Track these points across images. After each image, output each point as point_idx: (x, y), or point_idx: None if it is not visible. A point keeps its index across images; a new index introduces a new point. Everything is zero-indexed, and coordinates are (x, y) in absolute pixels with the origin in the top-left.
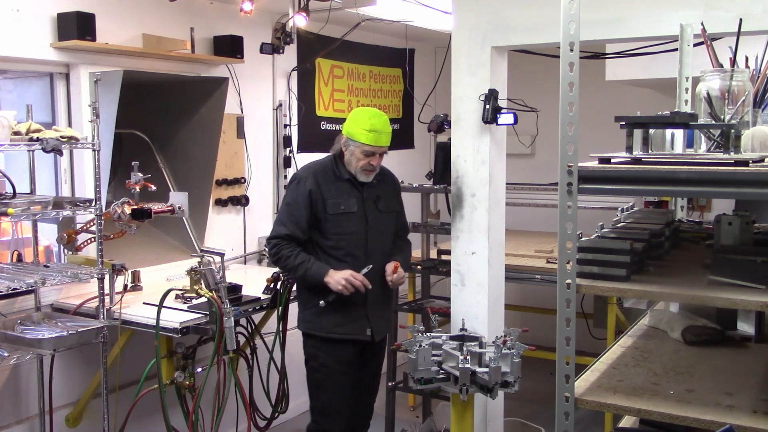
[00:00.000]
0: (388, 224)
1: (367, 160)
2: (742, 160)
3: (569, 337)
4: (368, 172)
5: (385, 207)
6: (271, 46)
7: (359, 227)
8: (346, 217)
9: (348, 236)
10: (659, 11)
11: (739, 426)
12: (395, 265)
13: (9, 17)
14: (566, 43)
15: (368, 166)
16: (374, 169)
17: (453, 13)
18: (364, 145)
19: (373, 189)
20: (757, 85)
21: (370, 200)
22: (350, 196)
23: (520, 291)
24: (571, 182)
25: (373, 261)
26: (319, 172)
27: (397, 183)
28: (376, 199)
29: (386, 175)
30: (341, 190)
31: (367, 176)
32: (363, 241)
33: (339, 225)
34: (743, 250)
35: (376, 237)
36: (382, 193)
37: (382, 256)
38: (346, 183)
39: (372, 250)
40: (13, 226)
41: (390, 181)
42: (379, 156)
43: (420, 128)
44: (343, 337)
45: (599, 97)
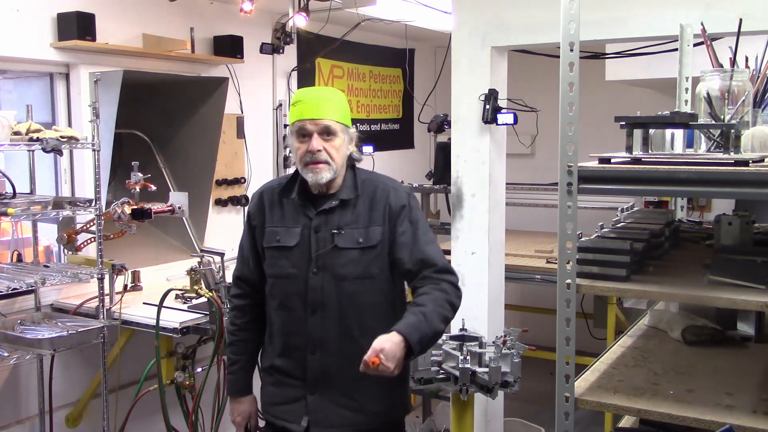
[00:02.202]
0: (355, 265)
1: (304, 147)
2: (742, 160)
3: (569, 337)
4: (314, 167)
5: (350, 240)
6: (271, 46)
7: (300, 269)
8: (282, 254)
9: (282, 281)
10: (659, 11)
11: (739, 426)
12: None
13: (9, 17)
14: (566, 43)
15: (308, 157)
16: (319, 160)
17: (453, 13)
18: (293, 126)
19: (332, 214)
20: (757, 85)
21: (324, 230)
22: (295, 223)
23: (520, 291)
24: (571, 182)
25: (325, 319)
26: (268, 190)
27: (396, 202)
28: (335, 228)
29: (373, 189)
30: (287, 214)
31: (315, 175)
32: (302, 290)
33: (274, 264)
34: (743, 250)
35: (330, 285)
36: (353, 218)
37: (346, 312)
38: (293, 203)
39: (319, 302)
40: (13, 226)
41: (380, 199)
42: (318, 136)
43: (420, 128)
44: (272, 420)
45: (599, 97)
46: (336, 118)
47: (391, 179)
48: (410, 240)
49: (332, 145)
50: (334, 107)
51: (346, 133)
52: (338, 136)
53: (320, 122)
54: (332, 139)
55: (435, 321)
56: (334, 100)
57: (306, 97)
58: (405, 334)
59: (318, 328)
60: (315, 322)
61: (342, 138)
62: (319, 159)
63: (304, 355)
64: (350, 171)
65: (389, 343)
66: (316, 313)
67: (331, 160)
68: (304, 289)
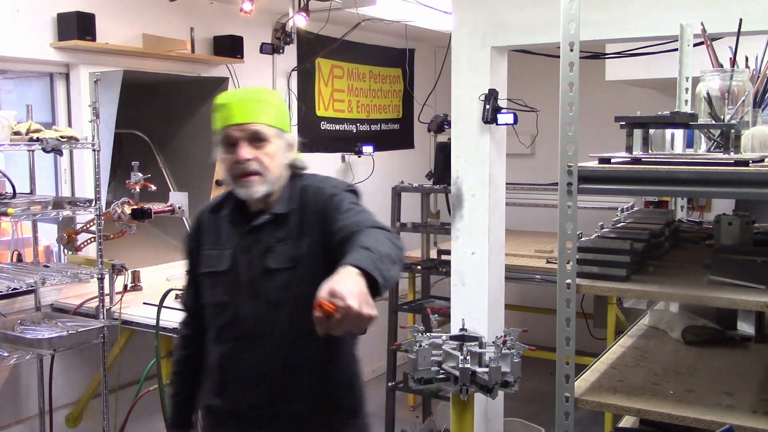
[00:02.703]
0: (292, 289)
1: (232, 158)
2: (742, 160)
3: (569, 337)
4: (245, 180)
5: (283, 259)
6: (271, 46)
7: (232, 296)
8: (215, 280)
9: (215, 311)
10: (659, 11)
11: (739, 426)
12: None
13: (9, 17)
14: (566, 43)
15: (237, 169)
16: (249, 171)
17: (453, 13)
18: (218, 135)
19: (263, 231)
20: (757, 85)
21: (255, 250)
22: (227, 245)
23: (520, 291)
24: (571, 182)
25: (262, 352)
26: (208, 207)
27: (324, 197)
28: (266, 248)
29: (307, 196)
30: (222, 234)
31: (247, 189)
32: (235, 320)
33: (207, 292)
34: (743, 250)
35: (265, 313)
36: (286, 234)
37: (285, 343)
38: (226, 221)
39: (253, 333)
40: (13, 226)
41: (310, 202)
42: (246, 144)
43: (420, 128)
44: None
45: (599, 97)
46: (267, 121)
47: (327, 178)
48: (344, 217)
49: (265, 153)
50: (264, 109)
51: (281, 139)
52: (271, 142)
53: (248, 127)
54: (264, 146)
55: (384, 247)
56: (265, 102)
57: (231, 100)
58: (356, 264)
59: (254, 363)
60: (250, 356)
61: (276, 144)
62: (250, 170)
63: (239, 394)
64: (290, 182)
65: (340, 280)
66: (251, 345)
67: (264, 170)
68: (237, 319)
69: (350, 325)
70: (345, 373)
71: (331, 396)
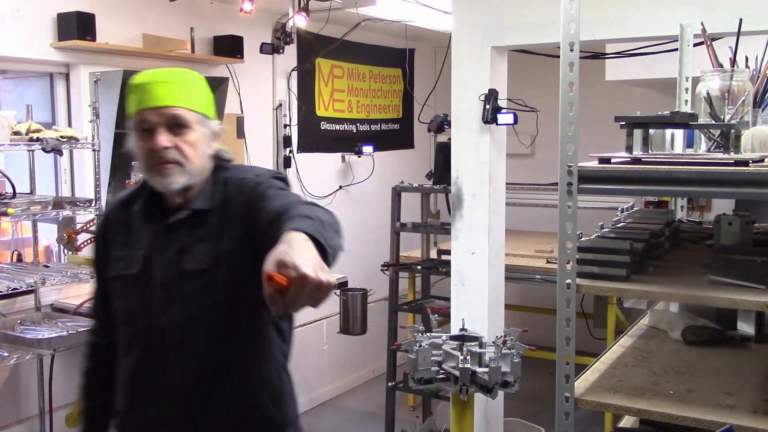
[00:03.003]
0: (211, 293)
1: (148, 146)
2: (742, 160)
3: (569, 337)
4: (162, 169)
5: (202, 260)
6: (271, 46)
7: (144, 303)
8: (125, 285)
9: (125, 320)
10: (659, 11)
11: (739, 426)
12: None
13: (9, 17)
14: (566, 43)
15: (153, 158)
16: (167, 159)
17: (453, 13)
18: (132, 119)
19: (180, 229)
20: (757, 85)
21: (171, 250)
22: (139, 245)
23: (520, 291)
24: (571, 182)
25: (178, 367)
26: (117, 203)
27: (248, 188)
28: (183, 248)
29: (229, 189)
30: (133, 233)
31: (164, 179)
32: (147, 330)
33: (116, 298)
34: (743, 250)
35: (181, 322)
36: (205, 232)
37: (204, 356)
38: (138, 218)
39: (168, 345)
40: (13, 226)
41: (233, 196)
42: (164, 130)
43: (420, 128)
44: None
45: (599, 97)
46: (189, 105)
47: (251, 168)
48: (271, 202)
49: (185, 141)
50: (186, 92)
51: (204, 126)
52: (193, 128)
53: (167, 111)
54: (185, 133)
55: (323, 216)
56: (187, 83)
57: (147, 81)
58: (299, 229)
59: (169, 377)
60: (165, 369)
61: (199, 132)
62: (167, 158)
63: (153, 411)
64: (213, 175)
65: (286, 248)
66: (166, 357)
67: (184, 159)
68: (150, 328)
69: (308, 298)
70: (274, 383)
71: (257, 409)
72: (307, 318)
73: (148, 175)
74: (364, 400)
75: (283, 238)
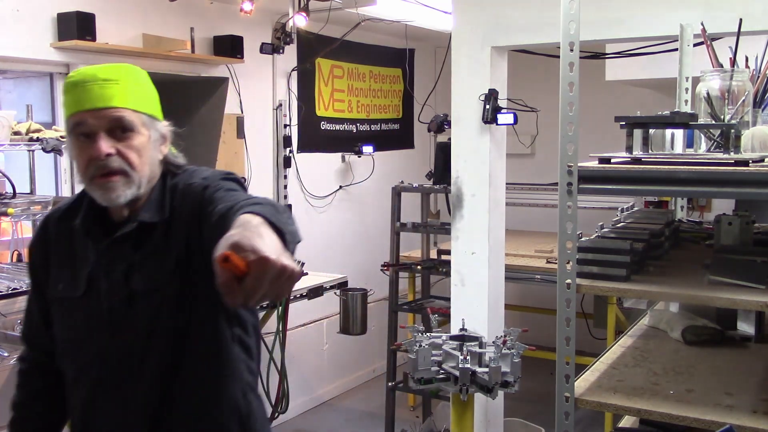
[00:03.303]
0: (164, 316)
1: (87, 154)
2: (742, 160)
3: (569, 337)
4: (105, 181)
5: (152, 279)
6: (271, 46)
7: (90, 328)
8: (68, 308)
9: (70, 347)
10: (659, 11)
11: (739, 426)
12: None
13: (9, 17)
14: (566, 43)
15: (94, 168)
16: (111, 170)
17: (453, 13)
18: (68, 122)
19: (126, 245)
20: (757, 85)
21: (118, 270)
22: (82, 263)
23: (520, 291)
24: (571, 182)
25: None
26: (57, 214)
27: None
28: (130, 267)
29: (176, 198)
30: (77, 250)
31: (107, 193)
32: (95, 359)
33: (58, 323)
34: (743, 250)
35: (130, 349)
36: (154, 247)
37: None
38: (80, 233)
39: (118, 375)
40: (13, 226)
41: (180, 204)
42: (106, 135)
43: (420, 128)
44: None
45: (599, 97)
46: (133, 105)
47: (198, 171)
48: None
49: (129, 147)
50: (129, 90)
51: (152, 128)
52: (139, 132)
53: (108, 113)
54: (129, 137)
55: (277, 206)
56: (130, 81)
57: (85, 79)
58: (255, 212)
59: (124, 410)
60: (119, 402)
61: (145, 135)
62: (110, 168)
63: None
64: (160, 182)
65: (242, 231)
66: (119, 389)
67: (129, 168)
68: (100, 360)
69: (270, 286)
70: (239, 406)
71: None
72: (307, 318)
73: (88, 187)
74: (364, 400)
75: (235, 223)
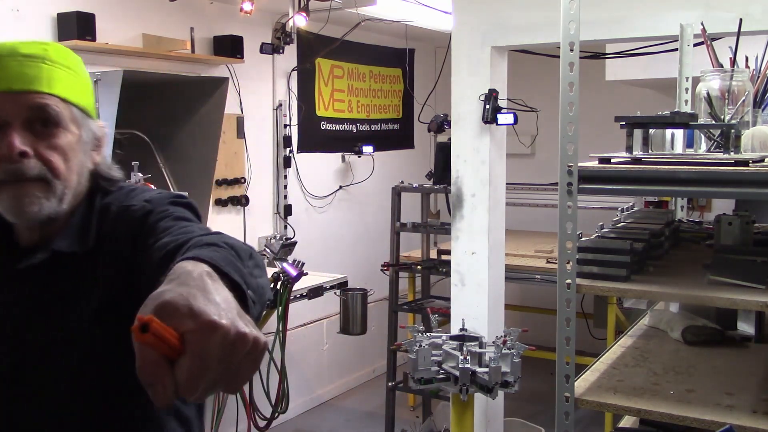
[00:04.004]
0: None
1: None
2: (742, 160)
3: (569, 337)
4: (18, 192)
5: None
6: (271, 46)
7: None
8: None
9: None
10: (659, 11)
11: (739, 426)
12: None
13: (9, 17)
14: (566, 43)
15: (2, 171)
16: (26, 175)
17: (453, 13)
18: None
19: (39, 281)
20: (757, 85)
21: (22, 312)
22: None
23: (520, 291)
24: (571, 182)
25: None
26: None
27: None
28: (39, 308)
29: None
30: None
31: (20, 206)
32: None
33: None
34: (743, 250)
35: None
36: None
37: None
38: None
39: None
40: None
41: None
42: (22, 128)
43: (420, 128)
44: None
45: (599, 97)
46: (63, 92)
47: (140, 190)
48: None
49: (54, 147)
50: (58, 74)
51: (84, 127)
52: (67, 129)
53: (27, 99)
54: (54, 135)
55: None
56: (59, 62)
57: (5, 52)
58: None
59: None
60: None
61: (75, 135)
62: (25, 173)
63: None
64: (87, 200)
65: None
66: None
67: (51, 175)
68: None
69: (223, 371)
70: None
71: None
72: (307, 318)
73: (4, 207)
74: (364, 400)
75: (168, 274)
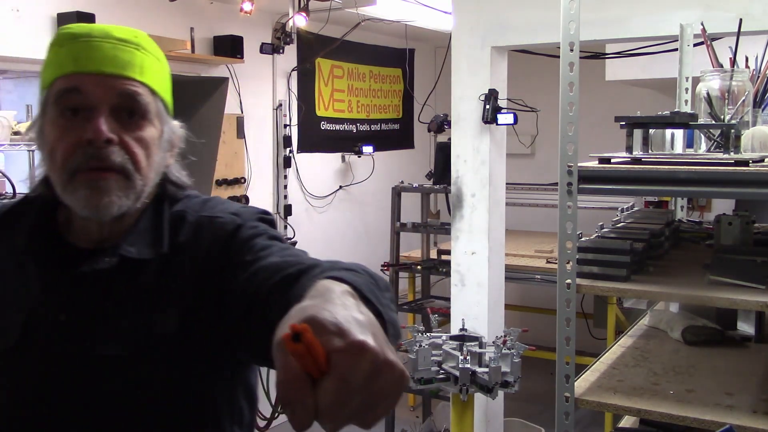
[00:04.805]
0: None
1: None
2: (742, 160)
3: (569, 337)
4: (95, 178)
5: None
6: (271, 46)
7: (21, 397)
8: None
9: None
10: (659, 11)
11: (739, 426)
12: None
13: (9, 17)
14: (566, 43)
15: (82, 157)
16: (108, 163)
17: (453, 13)
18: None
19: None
20: (757, 85)
21: (75, 320)
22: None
23: (520, 291)
24: (571, 182)
25: None
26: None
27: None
28: (96, 318)
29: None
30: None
31: (98, 197)
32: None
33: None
34: (743, 250)
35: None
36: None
37: None
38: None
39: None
40: None
41: (202, 247)
42: (110, 113)
43: (420, 128)
44: None
45: (599, 97)
46: (154, 83)
47: (220, 202)
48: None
49: (138, 138)
50: (153, 65)
51: (166, 124)
52: (152, 123)
53: (119, 84)
54: (140, 126)
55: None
56: (151, 52)
57: (91, 33)
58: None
59: None
60: None
61: (158, 129)
62: (108, 161)
63: None
64: (154, 205)
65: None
66: None
67: (133, 167)
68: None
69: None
70: None
71: None
72: None
73: (65, 187)
74: None
75: (309, 291)
